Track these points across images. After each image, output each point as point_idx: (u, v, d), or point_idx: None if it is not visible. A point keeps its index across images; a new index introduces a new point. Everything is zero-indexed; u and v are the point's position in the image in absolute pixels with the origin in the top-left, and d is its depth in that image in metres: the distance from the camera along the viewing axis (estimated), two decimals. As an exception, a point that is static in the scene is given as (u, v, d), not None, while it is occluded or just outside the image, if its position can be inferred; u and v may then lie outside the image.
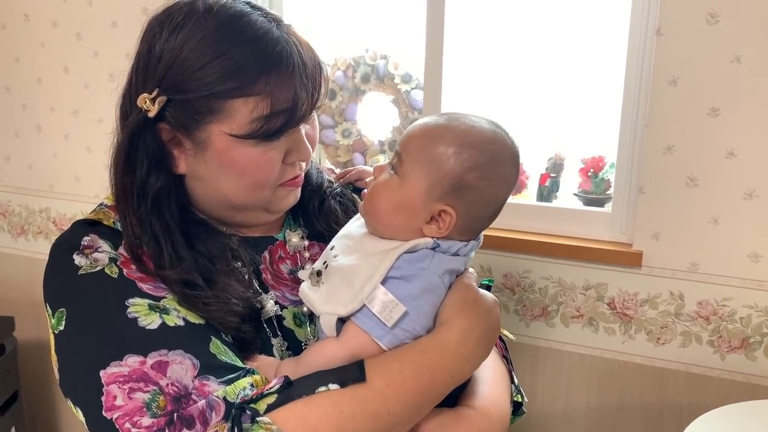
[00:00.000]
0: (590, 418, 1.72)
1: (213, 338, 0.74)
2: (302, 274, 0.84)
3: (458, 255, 0.80)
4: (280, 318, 0.85)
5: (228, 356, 0.73)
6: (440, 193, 0.77)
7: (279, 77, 0.76)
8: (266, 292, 0.85)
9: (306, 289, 0.81)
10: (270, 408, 0.68)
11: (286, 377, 0.71)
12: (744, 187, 1.47)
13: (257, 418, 0.66)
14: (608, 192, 1.76)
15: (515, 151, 0.82)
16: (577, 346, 1.70)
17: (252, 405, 0.68)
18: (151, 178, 0.79)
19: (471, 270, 0.84)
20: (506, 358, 1.00)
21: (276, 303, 0.84)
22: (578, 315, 1.68)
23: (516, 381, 1.00)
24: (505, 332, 1.02)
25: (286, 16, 1.86)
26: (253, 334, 0.79)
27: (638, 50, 1.54)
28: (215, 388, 0.69)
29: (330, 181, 1.00)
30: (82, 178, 2.14)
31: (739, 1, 1.39)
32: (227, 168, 0.79)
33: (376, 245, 0.79)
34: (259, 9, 0.80)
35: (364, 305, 0.74)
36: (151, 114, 0.77)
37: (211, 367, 0.70)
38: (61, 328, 0.74)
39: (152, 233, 0.78)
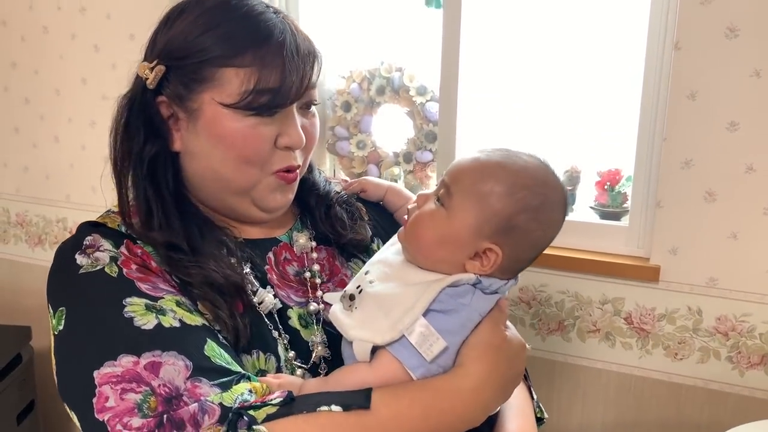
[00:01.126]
0: (607, 433, 1.71)
1: (209, 340, 0.73)
2: (330, 297, 0.85)
3: (496, 293, 0.79)
4: (284, 317, 0.85)
5: (223, 359, 0.73)
6: (489, 232, 0.76)
7: (269, 52, 0.79)
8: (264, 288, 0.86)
9: (338, 312, 0.80)
10: (269, 418, 0.67)
11: (290, 392, 0.71)
12: (763, 202, 1.45)
13: (254, 426, 0.66)
14: (624, 205, 1.75)
15: (565, 196, 0.82)
16: (594, 361, 1.69)
17: (251, 412, 0.67)
18: (147, 146, 0.82)
19: (505, 302, 0.82)
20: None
21: (275, 296, 0.85)
22: (595, 329, 1.67)
23: (535, 396, 1.00)
24: None
25: (301, 28, 1.86)
26: (231, 313, 0.78)
27: (656, 64, 1.53)
28: (207, 391, 0.68)
29: (338, 192, 1.01)
30: (98, 188, 2.14)
31: (758, 14, 1.38)
32: (216, 139, 0.81)
33: (416, 275, 0.78)
34: None
35: (403, 335, 0.73)
36: (149, 82, 0.81)
37: (203, 369, 0.70)
38: (61, 328, 0.75)
39: (145, 197, 0.81)
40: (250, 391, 0.70)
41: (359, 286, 0.80)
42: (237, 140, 0.80)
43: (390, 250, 0.85)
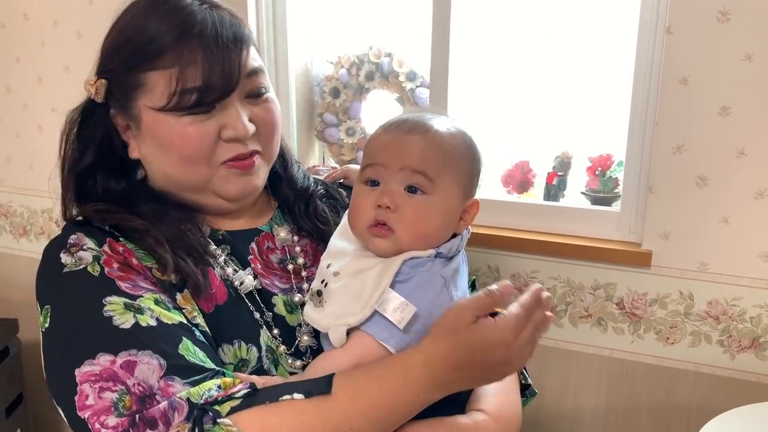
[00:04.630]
0: (598, 418, 1.71)
1: (184, 339, 0.74)
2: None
3: (456, 254, 0.82)
4: (270, 305, 0.87)
5: (197, 357, 0.74)
6: (471, 190, 0.85)
7: (186, 48, 0.78)
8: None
9: (310, 311, 0.82)
10: (233, 411, 0.69)
11: (252, 384, 0.72)
12: (755, 187, 1.46)
13: (218, 420, 0.67)
14: (616, 191, 1.75)
15: None
16: (586, 346, 1.69)
17: (215, 407, 0.68)
18: (99, 161, 0.86)
19: (494, 288, 0.79)
20: None
21: (255, 278, 0.86)
22: (587, 315, 1.67)
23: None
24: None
25: (289, 13, 1.84)
26: (184, 263, 0.80)
27: (648, 48, 1.52)
28: (180, 389, 0.69)
29: (317, 183, 1.02)
30: (84, 178, 2.12)
31: (750, -2, 1.38)
32: (157, 143, 0.82)
33: (377, 257, 0.81)
34: None
35: (375, 311, 0.75)
36: (96, 97, 0.84)
37: (177, 368, 0.71)
38: (47, 325, 0.77)
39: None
40: (219, 386, 0.71)
41: (324, 280, 0.82)
42: (174, 141, 0.81)
43: (343, 243, 0.86)
